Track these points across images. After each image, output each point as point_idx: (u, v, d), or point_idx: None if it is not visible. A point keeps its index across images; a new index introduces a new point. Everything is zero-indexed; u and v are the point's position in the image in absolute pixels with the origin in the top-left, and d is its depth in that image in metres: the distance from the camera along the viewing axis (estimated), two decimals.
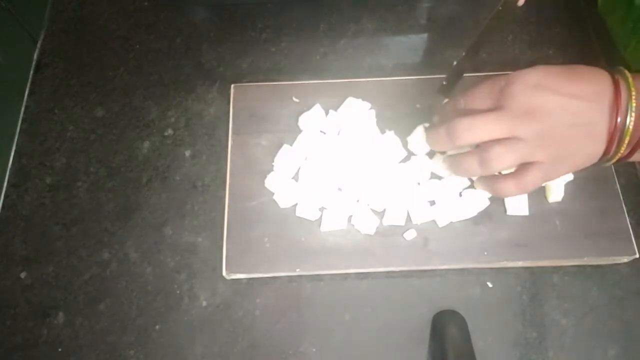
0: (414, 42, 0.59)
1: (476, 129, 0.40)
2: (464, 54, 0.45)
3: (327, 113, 0.52)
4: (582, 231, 0.47)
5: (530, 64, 0.55)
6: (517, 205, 0.48)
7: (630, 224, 0.47)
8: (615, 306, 0.47)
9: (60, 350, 0.46)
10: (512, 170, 0.43)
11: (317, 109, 0.51)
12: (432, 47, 0.58)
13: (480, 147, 0.41)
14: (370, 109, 0.52)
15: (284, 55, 0.58)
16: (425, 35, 0.59)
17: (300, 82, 0.54)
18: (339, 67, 0.57)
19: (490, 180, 0.44)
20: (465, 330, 0.45)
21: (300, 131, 0.51)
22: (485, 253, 0.47)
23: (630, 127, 0.38)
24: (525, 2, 0.44)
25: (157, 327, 0.46)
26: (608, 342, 0.45)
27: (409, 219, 0.48)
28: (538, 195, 0.49)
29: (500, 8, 0.41)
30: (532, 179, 0.41)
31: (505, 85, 0.40)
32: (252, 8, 0.60)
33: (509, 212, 0.48)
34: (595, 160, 0.41)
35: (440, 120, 0.46)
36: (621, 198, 0.48)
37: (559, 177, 0.43)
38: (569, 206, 0.48)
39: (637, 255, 0.46)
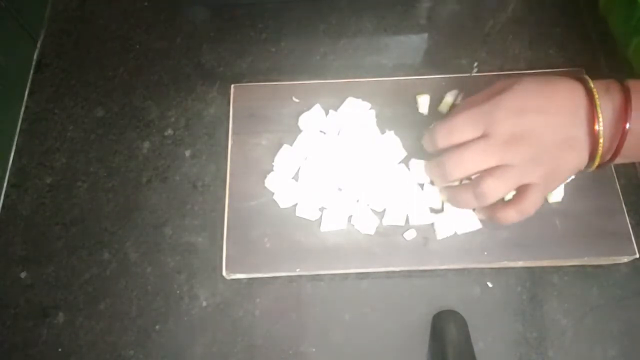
0: (414, 42, 0.59)
1: (466, 164, 0.40)
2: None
3: (327, 113, 0.52)
4: (582, 231, 0.47)
5: (531, 63, 0.56)
6: None
7: (630, 224, 0.47)
8: (615, 306, 0.47)
9: (60, 350, 0.46)
10: (511, 195, 0.42)
11: (317, 109, 0.51)
12: (432, 47, 0.58)
13: (473, 182, 0.41)
14: (370, 109, 0.52)
15: (284, 55, 0.58)
16: (425, 35, 0.59)
17: (300, 82, 0.54)
18: (339, 67, 0.57)
19: (490, 210, 0.43)
20: (465, 330, 0.45)
21: (300, 131, 0.51)
22: (485, 253, 0.47)
23: (601, 133, 0.39)
24: None
25: (157, 327, 0.46)
26: (608, 342, 0.45)
27: (408, 218, 0.48)
28: None
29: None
30: (531, 203, 0.41)
31: (489, 112, 0.40)
32: (252, 8, 0.60)
33: None
34: (581, 168, 0.41)
35: (428, 152, 0.45)
36: (621, 198, 0.48)
37: (552, 191, 0.44)
38: (569, 206, 0.48)
39: (637, 255, 0.46)
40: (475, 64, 0.45)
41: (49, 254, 0.49)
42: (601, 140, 0.39)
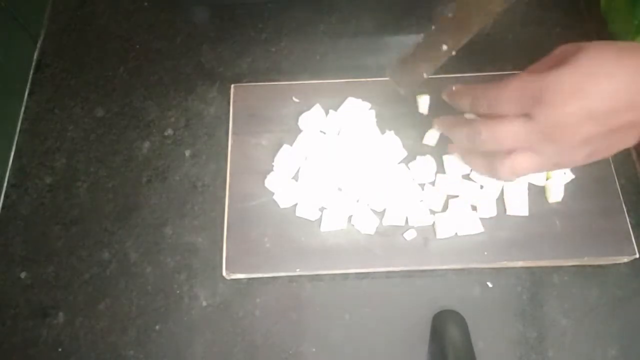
0: (414, 42, 0.59)
1: (498, 139, 0.38)
2: (440, 22, 0.42)
3: (327, 113, 0.52)
4: (582, 231, 0.47)
5: (531, 63, 0.55)
6: (517, 205, 0.48)
7: (630, 224, 0.47)
8: (615, 306, 0.47)
9: (60, 350, 0.46)
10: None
11: (317, 109, 0.51)
12: None
13: (492, 160, 0.39)
14: (370, 109, 0.52)
15: (284, 55, 0.58)
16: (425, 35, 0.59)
17: (300, 82, 0.54)
18: (339, 67, 0.57)
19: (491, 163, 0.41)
20: (465, 330, 0.45)
21: (300, 131, 0.51)
22: (485, 253, 0.47)
23: None
24: None
25: (157, 327, 0.46)
26: (608, 342, 0.45)
27: (408, 219, 0.48)
28: (538, 195, 0.49)
29: None
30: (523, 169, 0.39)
31: (539, 93, 0.35)
32: (252, 8, 0.60)
33: (509, 212, 0.48)
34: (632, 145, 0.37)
35: (458, 107, 0.43)
36: (621, 198, 0.48)
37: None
38: (569, 206, 0.48)
39: (637, 255, 0.46)
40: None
41: (49, 254, 0.49)
42: None
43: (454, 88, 0.43)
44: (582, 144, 0.36)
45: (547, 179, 0.49)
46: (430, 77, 0.53)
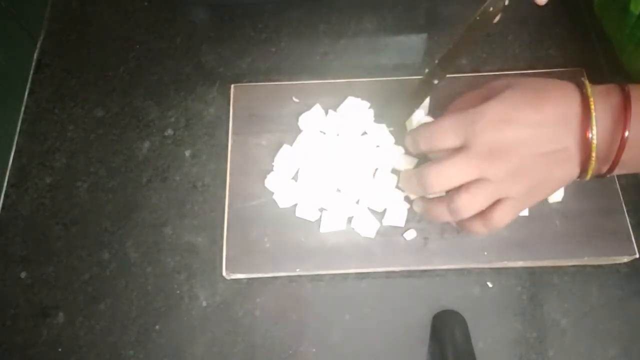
0: (414, 42, 0.59)
1: (445, 178, 0.39)
2: (436, 61, 0.44)
3: (327, 113, 0.52)
4: (582, 231, 0.47)
5: (531, 63, 0.56)
6: None
7: (630, 224, 0.47)
8: (615, 306, 0.47)
9: (60, 350, 0.46)
10: None
11: (317, 109, 0.51)
12: (432, 47, 0.58)
13: (448, 196, 0.40)
14: (370, 107, 0.52)
15: (284, 55, 0.58)
16: (425, 35, 0.59)
17: (300, 82, 0.54)
18: (339, 67, 0.57)
19: (460, 220, 0.41)
20: (465, 330, 0.45)
21: (300, 131, 0.51)
22: (485, 253, 0.47)
23: (594, 142, 0.36)
24: (501, 16, 0.43)
25: (157, 327, 0.46)
26: (608, 342, 0.45)
27: (409, 219, 0.48)
28: None
29: (477, 18, 0.40)
30: (499, 218, 0.39)
31: (471, 121, 0.38)
32: (252, 8, 0.60)
33: None
34: (572, 180, 0.39)
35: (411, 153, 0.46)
36: (621, 198, 0.48)
37: (532, 205, 0.41)
38: (569, 206, 0.48)
39: (637, 255, 0.46)
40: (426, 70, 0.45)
41: (49, 254, 0.49)
42: (594, 150, 0.36)
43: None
44: (522, 170, 0.38)
45: None
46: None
